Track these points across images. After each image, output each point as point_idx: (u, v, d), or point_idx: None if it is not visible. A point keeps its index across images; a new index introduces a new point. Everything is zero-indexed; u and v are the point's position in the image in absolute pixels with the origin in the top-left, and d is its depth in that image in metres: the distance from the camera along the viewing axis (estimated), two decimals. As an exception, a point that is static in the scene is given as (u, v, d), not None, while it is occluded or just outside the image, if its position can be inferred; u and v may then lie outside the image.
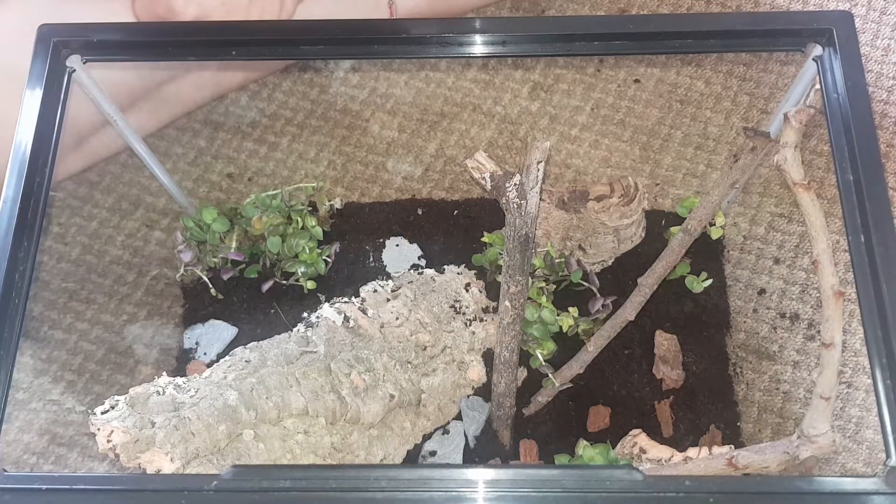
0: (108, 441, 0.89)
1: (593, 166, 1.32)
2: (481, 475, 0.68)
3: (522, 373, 1.12)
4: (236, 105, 1.40)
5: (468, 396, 1.11)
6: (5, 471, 0.70)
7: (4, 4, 1.11)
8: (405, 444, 1.07)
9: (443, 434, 1.10)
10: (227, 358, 1.01)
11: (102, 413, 0.90)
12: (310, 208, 1.23)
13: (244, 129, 1.38)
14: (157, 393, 0.93)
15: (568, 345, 1.12)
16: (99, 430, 0.89)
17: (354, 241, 1.25)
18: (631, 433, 1.01)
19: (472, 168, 0.78)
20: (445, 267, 1.18)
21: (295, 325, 1.07)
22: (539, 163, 0.74)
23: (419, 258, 1.24)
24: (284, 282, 1.20)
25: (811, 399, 0.77)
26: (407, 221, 1.27)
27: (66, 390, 1.19)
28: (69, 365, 1.21)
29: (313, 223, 1.20)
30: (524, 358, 1.07)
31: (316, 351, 1.01)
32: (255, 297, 1.21)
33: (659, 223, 1.24)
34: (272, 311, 1.20)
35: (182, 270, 1.20)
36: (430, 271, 1.16)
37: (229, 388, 0.95)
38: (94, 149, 1.31)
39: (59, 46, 0.87)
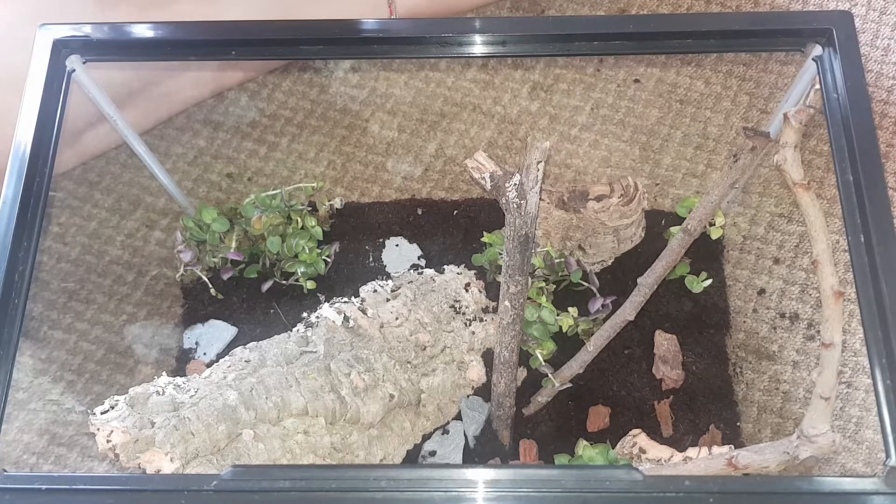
0: (108, 441, 0.89)
1: (593, 166, 1.32)
2: (481, 475, 0.68)
3: (522, 373, 1.12)
4: (236, 105, 1.40)
5: (468, 396, 1.11)
6: (5, 471, 0.70)
7: (3, 1, 1.11)
8: (405, 444, 1.07)
9: (442, 434, 1.10)
10: (226, 358, 1.01)
11: (102, 413, 0.91)
12: (310, 208, 1.23)
13: (244, 129, 1.38)
14: (157, 393, 0.93)
15: (568, 345, 1.12)
16: (99, 430, 0.89)
17: (354, 241, 1.25)
18: (631, 433, 1.01)
19: (472, 168, 0.78)
20: (445, 267, 1.18)
21: (295, 325, 1.07)
22: (539, 163, 0.74)
23: (419, 258, 1.24)
24: (284, 282, 1.20)
25: (811, 399, 0.77)
26: (407, 221, 1.27)
27: (65, 390, 1.19)
28: (69, 365, 1.21)
29: (313, 223, 1.20)
30: (524, 358, 1.07)
31: (316, 351, 1.01)
32: (254, 297, 1.21)
33: (659, 223, 1.24)
34: (272, 311, 1.20)
35: (182, 270, 1.21)
36: (429, 271, 1.16)
37: (229, 388, 0.95)
38: (89, 144, 1.31)
39: (59, 46, 0.87)
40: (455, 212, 1.28)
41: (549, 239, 1.16)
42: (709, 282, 1.17)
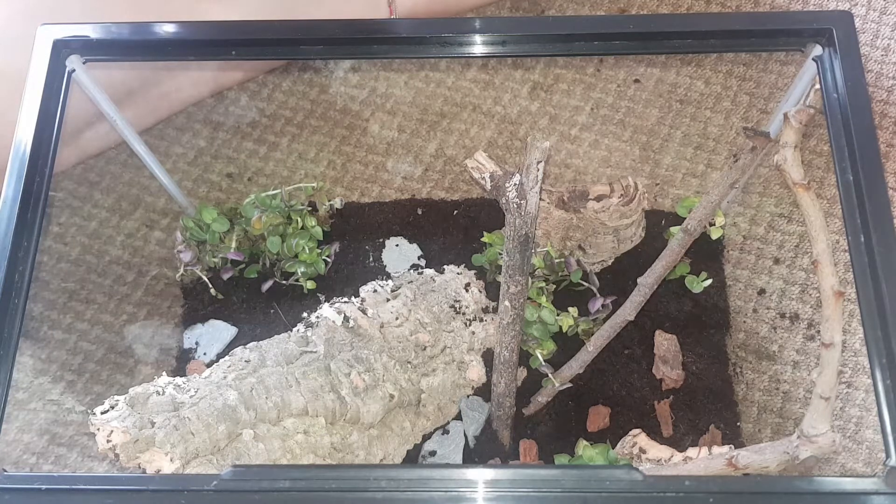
0: (108, 441, 0.89)
1: (593, 166, 1.33)
2: (481, 475, 0.68)
3: (522, 373, 1.12)
4: (236, 105, 1.40)
5: (468, 396, 1.11)
6: (5, 471, 0.70)
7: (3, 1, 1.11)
8: (405, 444, 1.07)
9: (442, 434, 1.10)
10: (226, 358, 1.01)
11: (102, 413, 0.91)
12: (310, 208, 1.23)
13: (244, 129, 1.38)
14: (157, 393, 0.93)
15: (568, 345, 1.12)
16: (99, 430, 0.89)
17: (354, 241, 1.25)
18: (631, 433, 1.01)
19: (472, 168, 0.78)
20: (445, 267, 1.18)
21: (295, 325, 1.07)
22: (539, 163, 0.74)
23: (419, 258, 1.24)
24: (284, 282, 1.20)
25: (811, 399, 0.77)
26: (407, 221, 1.27)
27: (66, 390, 1.19)
28: (69, 365, 1.21)
29: (313, 223, 1.20)
30: (524, 358, 1.07)
31: (316, 351, 1.01)
32: (254, 297, 1.21)
33: (659, 223, 1.24)
34: (272, 311, 1.20)
35: (182, 270, 1.20)
36: (429, 271, 1.16)
37: (229, 388, 0.95)
38: (88, 144, 1.31)
39: (59, 46, 0.87)
40: (455, 212, 1.28)
41: (549, 239, 1.16)
42: (709, 282, 1.17)
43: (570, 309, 1.12)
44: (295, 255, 1.19)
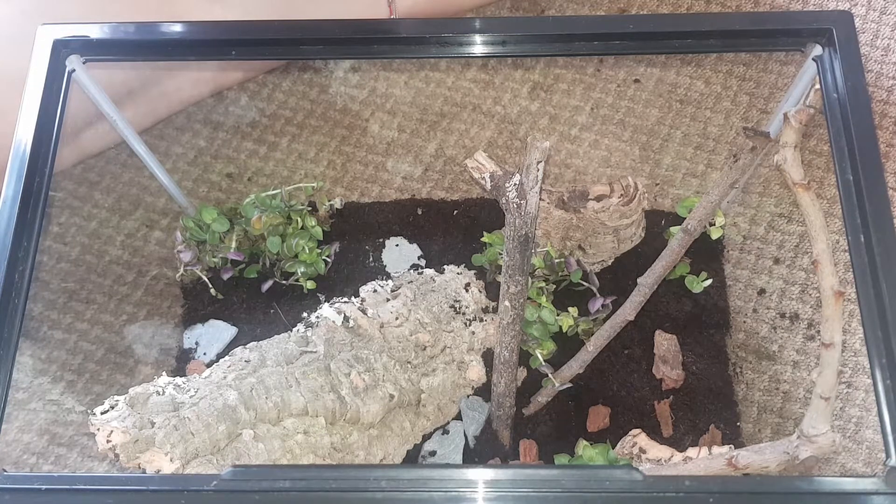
0: (108, 441, 0.89)
1: (593, 166, 1.32)
2: (481, 475, 0.68)
3: (522, 373, 1.12)
4: (236, 104, 1.40)
5: (468, 396, 1.11)
6: (5, 471, 0.70)
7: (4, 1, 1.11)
8: (405, 444, 1.07)
9: (442, 434, 1.10)
10: (226, 358, 1.01)
11: (102, 413, 0.91)
12: (310, 208, 1.23)
13: (244, 129, 1.38)
14: (157, 393, 0.93)
15: (568, 345, 1.12)
16: (99, 430, 0.89)
17: (354, 241, 1.25)
18: (631, 433, 1.01)
19: (472, 168, 0.78)
20: (445, 267, 1.18)
21: (295, 325, 1.07)
22: (539, 163, 0.74)
23: (419, 258, 1.24)
24: (284, 282, 1.20)
25: (811, 399, 0.77)
26: (407, 221, 1.27)
27: (65, 390, 1.19)
28: (69, 365, 1.21)
29: (313, 223, 1.20)
30: (524, 358, 1.07)
31: (316, 351, 1.01)
32: (254, 297, 1.21)
33: (659, 223, 1.24)
34: (272, 311, 1.20)
35: (182, 270, 1.20)
36: (429, 271, 1.16)
37: (229, 388, 0.95)
38: (88, 143, 1.31)
39: (59, 46, 0.87)
40: (455, 212, 1.28)
41: (549, 239, 1.16)
42: (709, 282, 1.17)
43: (570, 309, 1.12)
44: (295, 255, 1.19)
